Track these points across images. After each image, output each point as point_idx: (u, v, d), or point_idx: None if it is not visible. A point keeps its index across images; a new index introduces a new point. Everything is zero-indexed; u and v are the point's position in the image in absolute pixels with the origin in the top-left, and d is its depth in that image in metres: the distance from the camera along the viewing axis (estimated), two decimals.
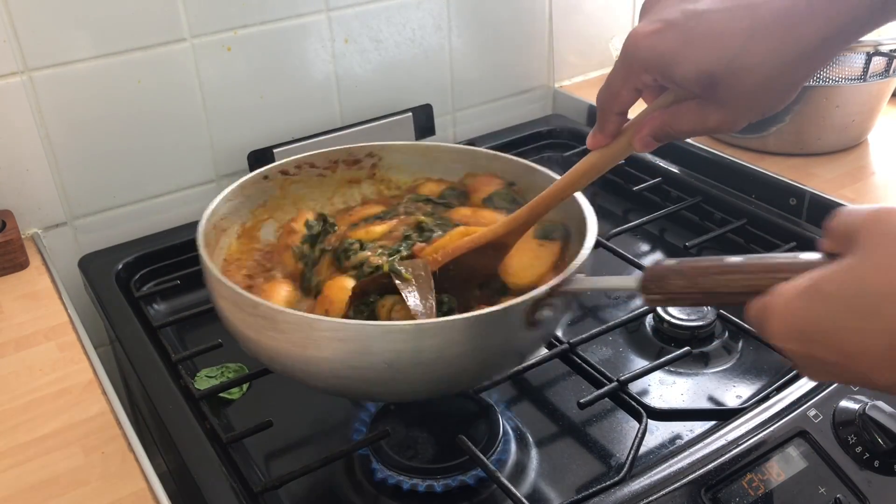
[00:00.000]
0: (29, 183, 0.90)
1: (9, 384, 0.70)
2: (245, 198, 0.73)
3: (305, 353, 0.56)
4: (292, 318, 0.55)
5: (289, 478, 0.62)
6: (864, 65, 0.96)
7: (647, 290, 0.50)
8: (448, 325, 0.54)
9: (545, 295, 0.56)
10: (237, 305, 0.58)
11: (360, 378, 0.57)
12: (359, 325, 0.55)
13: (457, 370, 0.57)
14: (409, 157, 0.80)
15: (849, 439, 0.63)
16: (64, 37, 0.86)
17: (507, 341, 0.58)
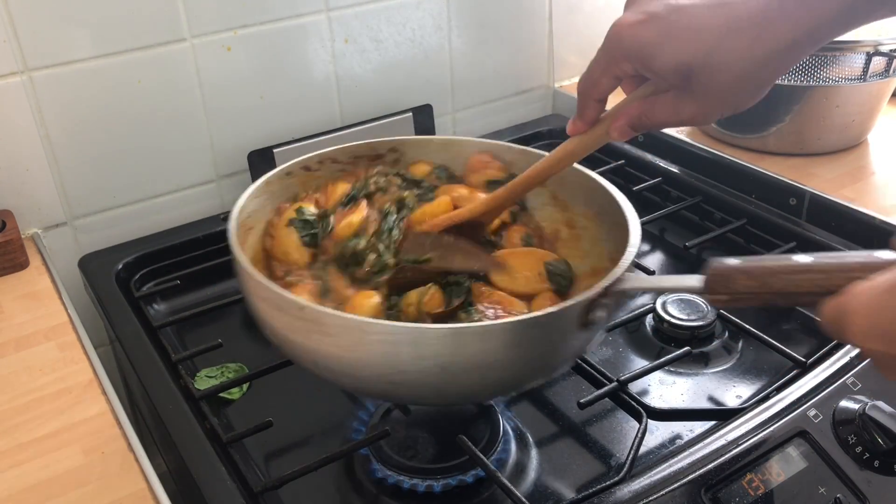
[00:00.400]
0: (29, 183, 0.90)
1: (9, 384, 0.70)
2: (270, 194, 0.72)
3: (354, 357, 0.54)
4: (342, 320, 0.53)
5: (289, 478, 0.62)
6: (864, 65, 0.96)
7: (713, 291, 0.48)
8: (507, 328, 0.53)
9: (599, 295, 0.55)
10: (280, 309, 0.56)
11: (411, 382, 0.55)
12: (413, 329, 0.53)
13: (511, 373, 0.56)
14: (431, 151, 0.79)
15: (849, 439, 0.63)
16: (64, 37, 0.86)
17: (561, 342, 0.57)
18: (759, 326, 0.76)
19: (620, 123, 0.58)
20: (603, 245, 0.68)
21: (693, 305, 0.80)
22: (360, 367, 0.55)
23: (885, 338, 0.40)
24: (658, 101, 0.55)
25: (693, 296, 0.80)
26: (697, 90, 0.52)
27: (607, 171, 1.05)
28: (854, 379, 0.68)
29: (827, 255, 0.45)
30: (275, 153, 0.97)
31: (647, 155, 1.08)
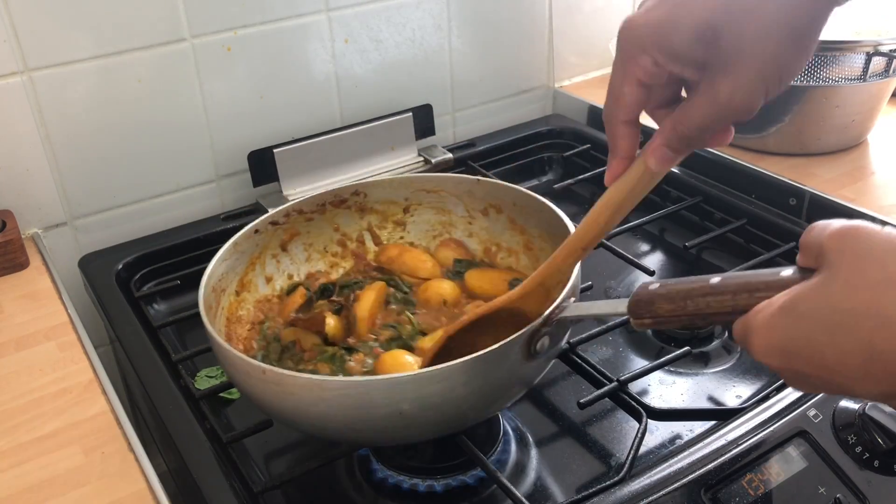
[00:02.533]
0: (29, 183, 0.90)
1: (9, 384, 0.70)
2: (239, 254, 0.74)
3: (318, 411, 0.57)
4: (301, 380, 0.56)
5: (289, 478, 0.62)
6: (864, 65, 0.96)
7: (636, 315, 0.50)
8: (450, 370, 0.55)
9: (540, 326, 0.57)
10: (245, 372, 0.58)
11: (374, 428, 0.58)
12: (365, 381, 0.56)
13: (465, 408, 0.58)
14: (393, 190, 0.82)
15: (849, 439, 0.63)
16: (64, 37, 0.86)
17: (509, 375, 0.59)
18: None
19: (655, 145, 0.50)
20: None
21: None
22: (325, 419, 0.58)
23: (782, 355, 0.41)
24: (690, 100, 0.48)
25: None
26: (729, 56, 0.45)
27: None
28: None
29: (736, 275, 0.46)
30: (275, 153, 0.97)
31: None
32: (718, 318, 0.47)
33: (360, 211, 0.83)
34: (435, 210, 0.83)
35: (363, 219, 0.83)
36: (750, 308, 0.43)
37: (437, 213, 0.83)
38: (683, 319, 0.49)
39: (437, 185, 0.82)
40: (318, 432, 0.62)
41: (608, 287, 0.88)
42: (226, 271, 0.72)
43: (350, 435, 0.60)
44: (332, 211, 0.81)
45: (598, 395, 0.69)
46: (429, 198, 0.82)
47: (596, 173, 1.04)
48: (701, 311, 0.47)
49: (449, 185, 0.81)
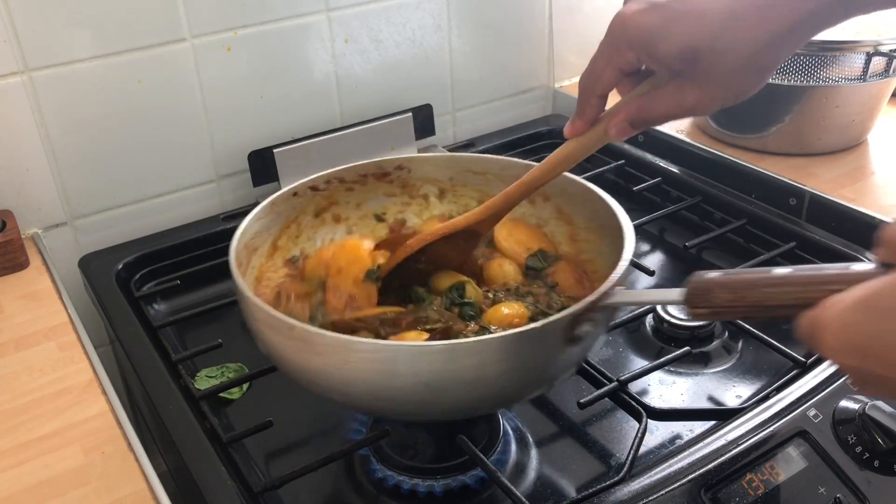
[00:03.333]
0: (29, 183, 0.90)
1: (9, 384, 0.70)
2: (276, 215, 0.73)
3: (342, 375, 0.55)
4: (329, 339, 0.54)
5: (289, 478, 0.62)
6: (864, 65, 0.96)
7: (692, 304, 0.48)
8: (485, 344, 0.53)
9: (585, 310, 0.55)
10: (272, 328, 0.57)
11: (399, 399, 0.56)
12: (395, 346, 0.54)
13: (496, 389, 0.56)
14: (438, 167, 0.80)
15: (849, 439, 0.63)
16: (64, 36, 0.86)
17: (546, 358, 0.57)
18: (758, 326, 0.76)
19: (619, 119, 0.57)
20: (606, 259, 0.68)
21: None
22: (348, 383, 0.56)
23: (857, 354, 0.39)
24: (657, 93, 0.55)
25: None
26: (702, 76, 0.52)
27: (607, 171, 1.05)
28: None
29: (805, 267, 0.45)
30: (275, 153, 0.97)
31: (647, 155, 1.08)
32: (781, 311, 0.44)
33: (402, 186, 0.80)
34: (479, 193, 0.80)
35: (404, 194, 0.80)
36: (817, 302, 0.41)
37: (480, 196, 0.79)
38: (742, 310, 0.47)
39: (484, 168, 0.78)
40: (341, 398, 0.60)
41: None
42: (260, 230, 0.70)
43: (372, 404, 0.59)
44: (373, 183, 0.79)
45: (599, 395, 0.69)
46: (474, 179, 0.79)
47: (596, 173, 1.04)
48: (762, 303, 0.45)
49: (496, 168, 0.78)
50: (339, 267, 0.69)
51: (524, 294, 0.68)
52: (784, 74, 0.99)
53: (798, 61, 0.98)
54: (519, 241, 0.75)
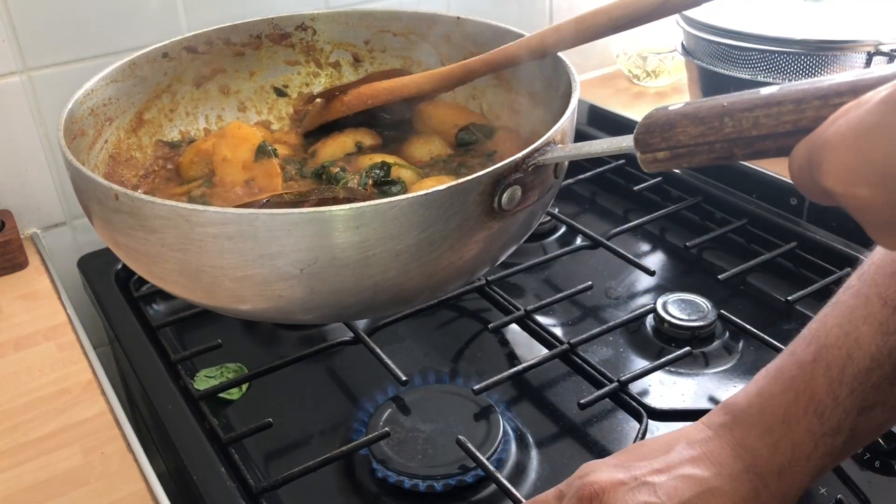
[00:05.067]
0: (28, 183, 0.89)
1: (8, 384, 0.70)
2: (138, 80, 0.60)
3: (187, 259, 0.43)
4: (162, 209, 0.41)
5: (289, 478, 0.62)
6: (865, 64, 0.96)
7: (646, 147, 0.37)
8: (378, 212, 0.40)
9: (509, 168, 0.42)
10: (96, 200, 0.45)
11: (269, 294, 0.43)
12: (250, 215, 0.41)
13: (393, 276, 0.43)
14: (350, 27, 0.66)
15: None
16: (63, 36, 0.86)
17: (461, 234, 0.44)
18: (759, 326, 0.76)
19: None
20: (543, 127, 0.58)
21: (694, 305, 0.80)
22: (196, 271, 0.43)
23: (874, 176, 0.27)
24: None
25: (694, 296, 0.80)
26: None
27: (608, 170, 1.05)
28: None
29: (801, 81, 0.33)
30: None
31: None
32: (769, 142, 0.33)
33: (306, 52, 0.67)
34: (400, 59, 0.67)
35: (310, 62, 0.67)
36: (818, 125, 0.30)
37: (404, 64, 0.67)
38: (716, 148, 0.35)
39: (407, 27, 0.66)
40: (192, 294, 0.47)
41: (608, 287, 0.88)
42: (116, 95, 0.58)
43: (230, 301, 0.46)
44: (269, 48, 0.66)
45: (599, 395, 0.69)
46: (395, 42, 0.66)
47: (596, 173, 1.04)
48: (745, 134, 0.34)
49: (422, 27, 0.66)
50: (222, 157, 0.58)
51: (456, 167, 0.59)
52: (784, 74, 0.99)
53: (798, 61, 0.98)
54: (442, 121, 0.65)
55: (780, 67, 0.99)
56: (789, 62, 0.99)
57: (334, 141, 0.63)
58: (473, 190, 0.42)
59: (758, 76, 0.99)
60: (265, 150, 0.58)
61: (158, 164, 0.62)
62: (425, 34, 0.65)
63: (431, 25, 0.65)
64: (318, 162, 0.61)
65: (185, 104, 0.64)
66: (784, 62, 0.98)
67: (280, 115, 0.67)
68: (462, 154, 0.61)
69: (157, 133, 0.62)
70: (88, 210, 0.48)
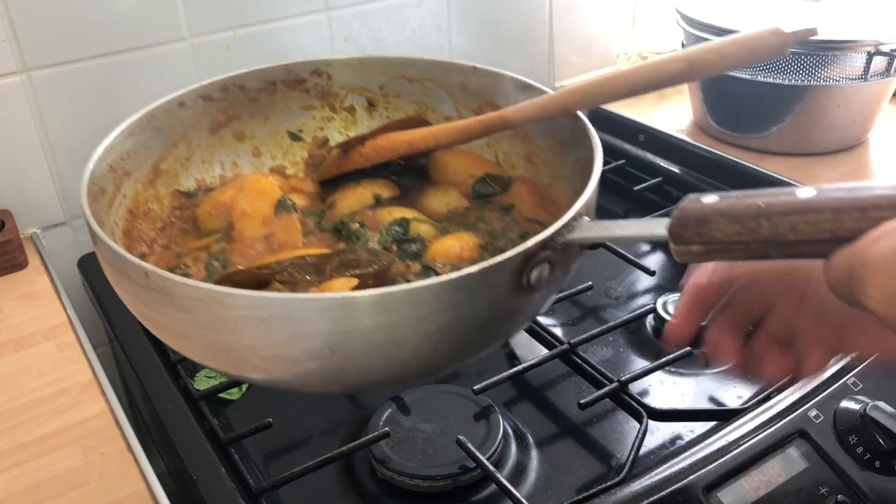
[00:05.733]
0: (28, 182, 0.89)
1: (8, 384, 0.70)
2: (156, 131, 0.59)
3: (217, 337, 0.44)
4: (193, 291, 0.42)
5: (289, 478, 0.62)
6: (865, 64, 0.96)
7: (680, 239, 0.37)
8: (410, 296, 0.41)
9: (541, 246, 0.43)
10: (124, 274, 0.45)
11: (299, 371, 0.45)
12: (284, 300, 0.42)
13: (422, 354, 0.45)
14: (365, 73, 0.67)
15: (850, 440, 0.63)
16: (63, 36, 0.85)
17: (490, 311, 0.44)
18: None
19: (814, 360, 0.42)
20: (570, 184, 0.58)
21: None
22: (227, 349, 0.44)
23: None
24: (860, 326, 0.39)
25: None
26: None
27: (607, 170, 1.05)
28: (855, 379, 0.67)
29: (839, 187, 0.33)
30: None
31: (648, 155, 1.07)
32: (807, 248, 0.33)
33: (321, 97, 0.67)
34: (415, 105, 0.67)
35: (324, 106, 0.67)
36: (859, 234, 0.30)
37: (419, 109, 0.68)
38: (752, 248, 0.35)
39: (423, 73, 0.66)
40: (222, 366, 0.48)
41: (608, 287, 0.88)
42: (134, 149, 0.57)
43: (260, 375, 0.47)
44: (284, 93, 0.66)
45: (599, 395, 0.69)
46: (410, 88, 0.67)
47: None
48: (781, 237, 0.34)
49: (437, 73, 0.65)
50: (241, 210, 0.58)
51: (474, 221, 0.60)
52: (785, 74, 0.99)
53: (799, 61, 0.98)
54: (458, 171, 0.65)
55: (780, 67, 0.98)
56: (789, 62, 0.99)
57: (352, 193, 0.63)
58: (504, 269, 0.42)
59: (758, 76, 0.99)
60: (285, 205, 0.58)
61: (175, 216, 0.61)
62: (441, 81, 0.66)
63: (447, 73, 0.66)
64: (337, 214, 0.62)
65: (201, 152, 0.64)
66: (784, 62, 0.98)
67: (295, 159, 0.67)
68: (480, 207, 0.62)
69: (174, 183, 0.62)
70: (115, 281, 0.48)
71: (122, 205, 0.57)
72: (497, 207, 0.62)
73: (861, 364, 0.69)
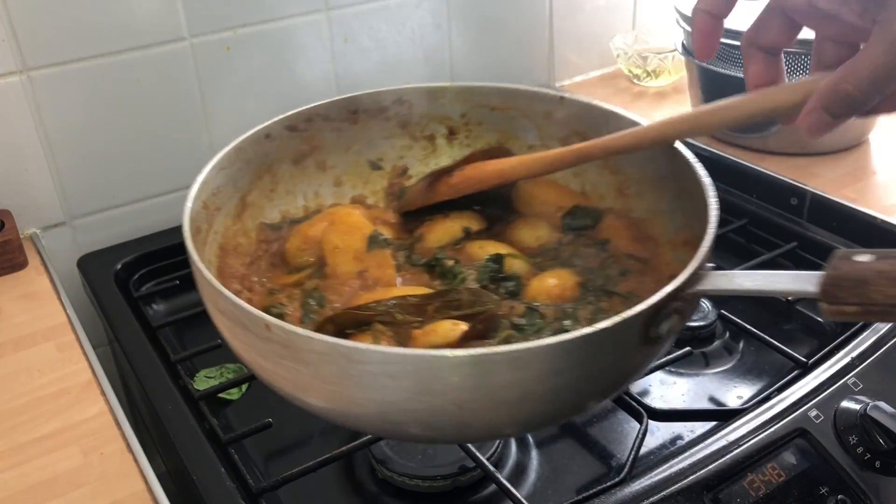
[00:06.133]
0: (27, 182, 0.89)
1: (7, 384, 0.70)
2: (244, 163, 0.59)
3: (340, 392, 0.43)
4: (320, 345, 0.41)
5: (288, 478, 0.62)
6: None
7: (832, 298, 0.36)
8: (547, 352, 0.40)
9: (671, 298, 0.41)
10: (242, 325, 0.45)
11: (418, 422, 0.44)
12: (416, 356, 0.41)
13: (552, 407, 0.45)
14: (446, 102, 0.66)
15: (850, 440, 0.63)
16: (63, 36, 0.85)
17: (617, 364, 0.44)
18: (759, 326, 0.76)
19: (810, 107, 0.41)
20: (667, 220, 0.57)
21: None
22: (347, 403, 0.44)
23: None
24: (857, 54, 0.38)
25: None
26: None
27: None
28: (855, 379, 0.67)
29: None
30: None
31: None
32: None
33: (402, 125, 0.66)
34: (497, 133, 0.67)
35: (404, 135, 0.67)
36: None
37: (500, 138, 0.66)
38: None
39: (506, 102, 0.65)
40: (341, 419, 0.48)
41: None
42: (224, 182, 0.57)
43: (382, 427, 0.47)
44: (366, 122, 0.65)
45: None
46: (492, 117, 0.66)
47: None
48: None
49: (521, 102, 0.64)
50: (333, 245, 0.58)
51: (569, 257, 0.58)
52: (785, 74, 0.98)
53: (799, 60, 0.98)
54: (545, 202, 0.63)
55: None
56: (790, 62, 0.99)
57: (441, 226, 0.62)
58: (636, 322, 0.42)
59: None
60: (377, 240, 0.58)
61: (262, 250, 0.61)
62: (525, 110, 0.65)
63: (532, 102, 0.65)
64: (426, 248, 0.61)
65: (285, 183, 0.64)
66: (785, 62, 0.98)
67: (375, 188, 0.67)
68: (572, 242, 0.60)
69: (260, 216, 0.62)
70: (228, 330, 0.47)
71: (214, 242, 0.57)
72: (591, 242, 0.60)
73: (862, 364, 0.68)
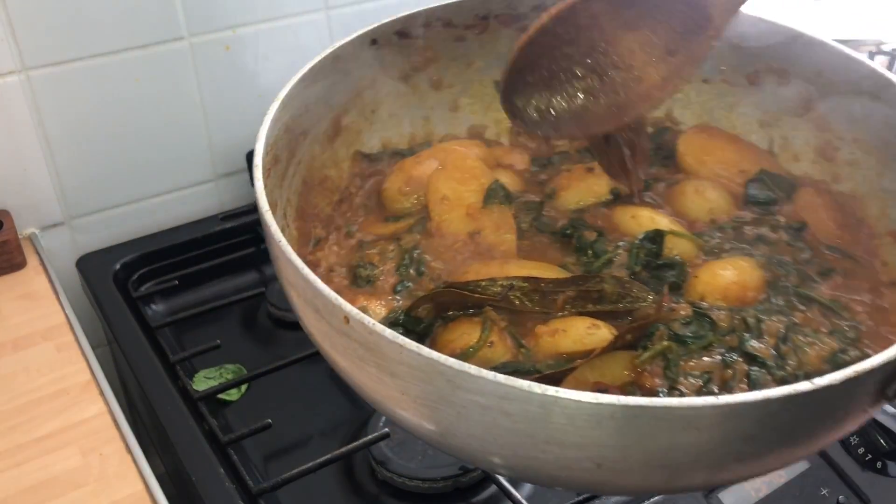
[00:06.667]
0: (26, 182, 0.89)
1: (6, 385, 0.70)
2: (341, 75, 0.47)
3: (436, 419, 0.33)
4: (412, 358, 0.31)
5: (288, 479, 0.62)
6: None
7: None
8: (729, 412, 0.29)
9: None
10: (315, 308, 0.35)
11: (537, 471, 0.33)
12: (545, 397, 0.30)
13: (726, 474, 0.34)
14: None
15: (851, 441, 0.63)
16: (62, 35, 0.85)
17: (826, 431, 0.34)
18: None
19: None
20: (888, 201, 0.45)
21: None
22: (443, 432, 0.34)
23: None
24: None
25: None
26: None
27: None
28: None
29: None
30: None
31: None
32: None
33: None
34: None
35: None
36: None
37: None
38: None
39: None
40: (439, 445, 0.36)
41: None
42: (314, 100, 0.45)
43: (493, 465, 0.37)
44: (496, 31, 0.51)
45: None
46: None
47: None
48: None
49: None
50: (441, 195, 0.46)
51: (752, 241, 0.45)
52: None
53: None
54: (721, 161, 0.49)
55: None
56: None
57: (582, 182, 0.48)
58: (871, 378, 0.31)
59: None
60: (498, 194, 0.45)
61: (355, 185, 0.50)
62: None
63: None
64: (561, 208, 0.47)
65: (389, 103, 0.52)
66: None
67: (499, 118, 0.53)
68: (757, 221, 0.46)
69: (356, 142, 0.51)
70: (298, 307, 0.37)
71: (296, 174, 0.46)
72: (781, 224, 0.47)
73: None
